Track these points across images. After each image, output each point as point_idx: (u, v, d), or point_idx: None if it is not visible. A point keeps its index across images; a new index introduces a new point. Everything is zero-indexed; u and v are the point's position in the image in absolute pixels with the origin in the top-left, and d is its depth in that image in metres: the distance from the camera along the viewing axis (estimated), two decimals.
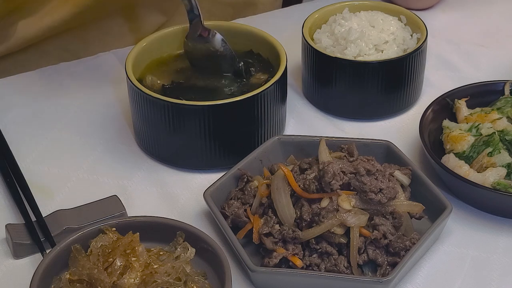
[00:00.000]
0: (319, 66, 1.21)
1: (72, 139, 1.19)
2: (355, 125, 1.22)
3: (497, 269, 0.99)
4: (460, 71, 1.34)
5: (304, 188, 0.97)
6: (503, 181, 1.04)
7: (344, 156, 1.03)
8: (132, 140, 1.18)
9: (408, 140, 1.18)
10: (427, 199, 1.01)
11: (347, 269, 0.95)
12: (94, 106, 1.25)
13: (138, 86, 1.09)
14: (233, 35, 1.22)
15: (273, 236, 0.97)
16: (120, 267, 0.88)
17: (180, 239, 0.94)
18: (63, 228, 1.00)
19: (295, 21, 1.35)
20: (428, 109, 1.14)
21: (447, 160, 1.07)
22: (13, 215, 1.06)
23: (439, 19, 1.46)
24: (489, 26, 1.45)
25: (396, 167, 1.03)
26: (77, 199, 1.06)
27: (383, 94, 1.20)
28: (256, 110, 1.10)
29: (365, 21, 1.23)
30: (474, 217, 1.06)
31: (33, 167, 1.13)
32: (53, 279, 0.91)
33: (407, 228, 0.98)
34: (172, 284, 0.88)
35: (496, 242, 1.03)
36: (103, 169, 1.14)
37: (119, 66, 1.21)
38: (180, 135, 1.09)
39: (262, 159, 1.07)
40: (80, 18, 1.37)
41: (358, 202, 0.96)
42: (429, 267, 0.99)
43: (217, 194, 1.02)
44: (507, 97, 1.16)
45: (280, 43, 1.18)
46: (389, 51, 1.21)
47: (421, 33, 1.23)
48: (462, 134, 1.10)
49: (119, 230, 0.94)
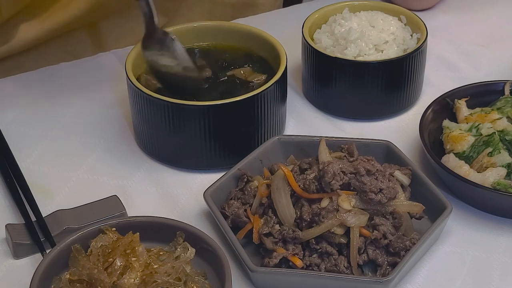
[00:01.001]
0: (319, 66, 1.21)
1: (72, 139, 1.19)
2: (355, 125, 1.22)
3: (497, 269, 0.99)
4: (460, 71, 1.34)
5: (304, 188, 0.97)
6: (503, 181, 1.04)
7: (344, 156, 1.03)
8: (132, 140, 1.18)
9: (408, 140, 1.18)
10: (427, 199, 1.01)
11: (347, 269, 0.95)
12: (94, 106, 1.25)
13: (138, 86, 1.09)
14: (233, 35, 1.22)
15: (273, 236, 0.97)
16: (120, 267, 0.88)
17: (180, 239, 0.94)
18: (63, 228, 1.00)
19: (295, 21, 1.35)
20: (428, 109, 1.14)
21: (447, 160, 1.07)
22: (13, 215, 1.06)
23: (439, 19, 1.46)
24: (489, 26, 1.45)
25: (396, 167, 1.03)
26: (77, 199, 1.06)
27: (383, 94, 1.20)
28: (256, 110, 1.10)
29: (365, 21, 1.23)
30: (474, 217, 1.06)
31: (33, 167, 1.13)
32: (53, 279, 0.91)
33: (407, 228, 0.98)
34: (172, 284, 0.88)
35: (496, 242, 1.03)
36: (103, 169, 1.14)
37: (119, 66, 1.21)
38: (180, 135, 1.09)
39: (262, 159, 1.07)
40: (81, 21, 1.37)
41: (358, 202, 0.96)
42: (429, 267, 0.99)
43: (217, 194, 1.02)
44: (507, 97, 1.16)
45: (280, 43, 1.18)
46: (389, 51, 1.21)
47: (421, 33, 1.23)
48: (462, 134, 1.10)
49: (119, 230, 0.94)
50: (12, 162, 1.11)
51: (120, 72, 1.16)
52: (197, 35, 1.22)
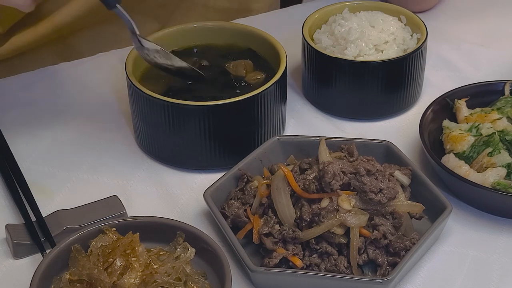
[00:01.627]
0: (319, 66, 1.21)
1: (72, 139, 1.19)
2: (355, 125, 1.22)
3: (497, 269, 0.99)
4: (460, 71, 1.33)
5: (304, 188, 0.97)
6: (503, 181, 1.04)
7: (344, 156, 1.03)
8: (132, 140, 1.18)
9: (408, 140, 1.18)
10: (427, 199, 1.01)
11: (347, 269, 0.95)
12: (94, 106, 1.25)
13: (138, 86, 1.09)
14: (233, 35, 1.22)
15: (273, 236, 0.97)
16: (120, 267, 0.88)
17: (180, 239, 0.94)
18: (63, 228, 1.00)
19: (295, 21, 1.34)
20: (428, 109, 1.14)
21: (447, 160, 1.07)
22: (13, 215, 1.06)
23: (439, 19, 1.45)
24: (489, 26, 1.45)
25: (396, 167, 1.03)
26: (77, 199, 1.06)
27: (383, 94, 1.20)
28: (256, 110, 1.10)
29: (365, 21, 1.23)
30: (474, 217, 1.06)
31: (33, 167, 1.13)
32: (53, 279, 0.91)
33: (407, 228, 0.98)
34: (172, 284, 0.88)
35: (496, 242, 1.03)
36: (103, 169, 1.14)
37: (119, 66, 1.21)
38: (180, 135, 1.09)
39: (262, 159, 1.07)
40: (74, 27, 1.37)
41: (358, 202, 0.96)
42: (429, 267, 0.99)
43: (217, 194, 1.02)
44: (507, 97, 1.16)
45: (280, 43, 1.18)
46: (389, 51, 1.21)
47: (421, 33, 1.23)
48: (462, 134, 1.10)
49: (119, 230, 0.94)
50: (12, 162, 1.11)
51: (120, 72, 1.16)
52: (197, 35, 1.22)
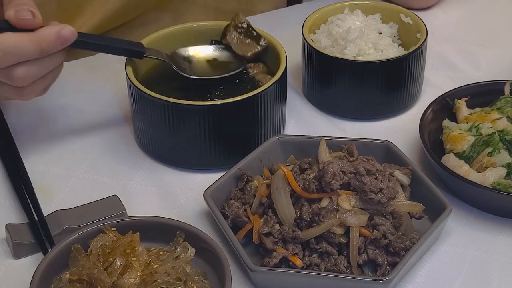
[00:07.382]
0: (319, 66, 1.21)
1: (72, 139, 1.19)
2: (355, 125, 1.22)
3: (497, 269, 0.99)
4: (460, 71, 1.34)
5: (304, 188, 0.97)
6: (503, 181, 1.03)
7: (344, 156, 1.03)
8: (132, 140, 1.18)
9: (408, 140, 1.18)
10: (427, 199, 1.01)
11: (347, 269, 0.95)
12: (94, 106, 1.25)
13: (138, 86, 1.09)
14: None
15: (273, 236, 0.97)
16: (120, 267, 0.88)
17: (180, 239, 0.94)
18: (63, 228, 1.00)
19: (295, 21, 1.35)
20: (428, 109, 1.14)
21: (447, 160, 1.07)
22: (13, 215, 1.06)
23: (439, 19, 1.46)
24: (489, 26, 1.45)
25: (396, 167, 1.03)
26: (77, 199, 1.06)
27: (383, 94, 1.20)
28: (256, 110, 1.10)
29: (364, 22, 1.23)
30: (474, 217, 1.06)
31: (33, 167, 1.13)
32: (53, 279, 0.91)
33: (407, 228, 0.98)
34: (172, 284, 0.88)
35: (496, 242, 1.03)
36: (103, 169, 1.14)
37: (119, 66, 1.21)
38: (180, 135, 1.09)
39: (262, 159, 1.07)
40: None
41: (358, 202, 0.96)
42: (429, 267, 0.99)
43: (217, 194, 1.02)
44: (507, 97, 1.16)
45: (280, 43, 1.18)
46: (389, 51, 1.21)
47: (421, 33, 1.23)
48: (462, 134, 1.10)
49: (119, 230, 0.94)
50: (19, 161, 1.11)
51: (120, 72, 1.16)
52: (197, 35, 1.22)
